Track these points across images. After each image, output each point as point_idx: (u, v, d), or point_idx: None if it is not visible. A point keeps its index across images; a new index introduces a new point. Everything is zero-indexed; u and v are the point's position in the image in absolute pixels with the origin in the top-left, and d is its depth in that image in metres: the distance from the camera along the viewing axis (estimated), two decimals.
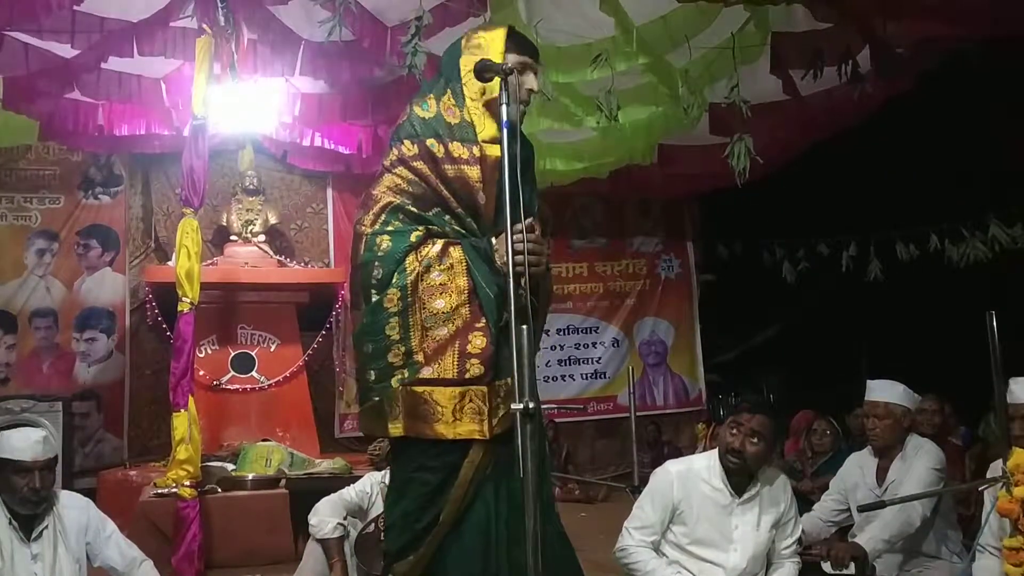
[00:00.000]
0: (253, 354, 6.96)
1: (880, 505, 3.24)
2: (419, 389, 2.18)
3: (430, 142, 2.26)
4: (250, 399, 6.84)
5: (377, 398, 2.21)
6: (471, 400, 2.18)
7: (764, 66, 5.48)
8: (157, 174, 7.82)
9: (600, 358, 9.17)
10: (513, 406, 1.88)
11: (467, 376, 2.17)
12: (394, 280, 2.20)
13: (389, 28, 5.12)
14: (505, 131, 2.02)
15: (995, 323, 2.42)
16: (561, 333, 9.05)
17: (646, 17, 5.17)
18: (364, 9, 4.96)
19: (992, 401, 8.50)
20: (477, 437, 2.17)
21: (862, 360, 9.48)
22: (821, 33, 5.27)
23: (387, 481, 3.84)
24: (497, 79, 2.09)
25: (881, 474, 3.63)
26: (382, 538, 3.55)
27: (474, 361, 2.18)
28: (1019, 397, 3.11)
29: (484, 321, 2.19)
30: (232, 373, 6.85)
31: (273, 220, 7.52)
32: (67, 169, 7.58)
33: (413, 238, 2.22)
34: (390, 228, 2.23)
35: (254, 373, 6.91)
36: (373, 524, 3.66)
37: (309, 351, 7.28)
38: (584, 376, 9.12)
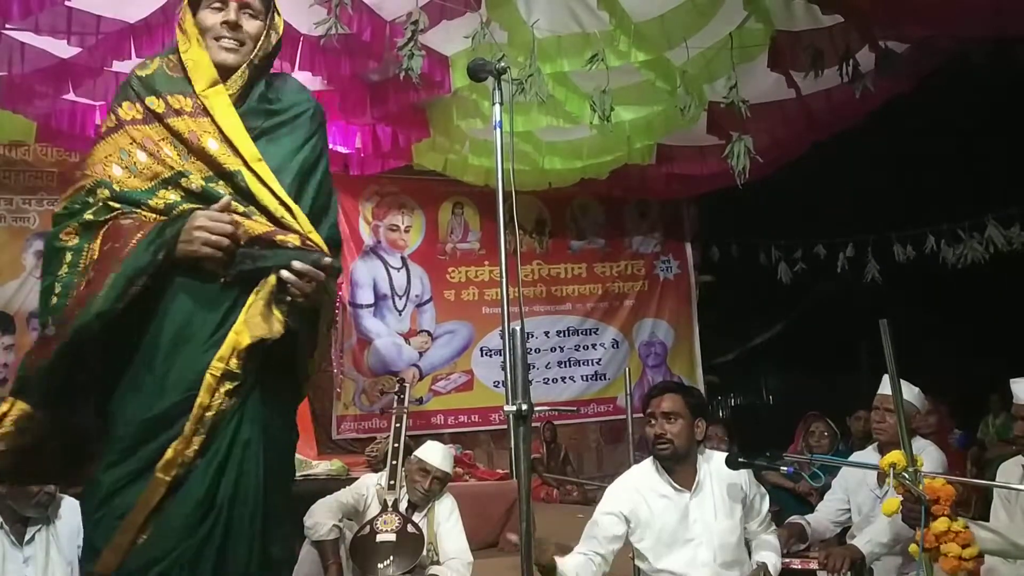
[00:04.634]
0: None
1: None
2: None
3: (149, 100, 1.99)
4: None
5: None
6: None
7: (763, 66, 5.46)
8: None
9: (600, 359, 9.14)
10: (506, 408, 1.84)
11: None
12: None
13: (388, 23, 5.11)
14: (497, 131, 2.01)
15: (889, 332, 2.47)
16: (561, 335, 9.03)
17: (644, 16, 5.16)
18: (362, 3, 4.96)
19: (990, 402, 8.49)
20: None
21: (860, 361, 9.47)
22: (821, 32, 5.26)
23: (383, 483, 3.83)
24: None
25: (883, 475, 3.61)
26: (377, 539, 3.55)
27: None
28: (1022, 398, 3.10)
29: None
30: None
31: None
32: (65, 170, 7.55)
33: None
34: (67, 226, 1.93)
35: None
36: (369, 526, 3.64)
37: None
38: (584, 378, 9.08)
